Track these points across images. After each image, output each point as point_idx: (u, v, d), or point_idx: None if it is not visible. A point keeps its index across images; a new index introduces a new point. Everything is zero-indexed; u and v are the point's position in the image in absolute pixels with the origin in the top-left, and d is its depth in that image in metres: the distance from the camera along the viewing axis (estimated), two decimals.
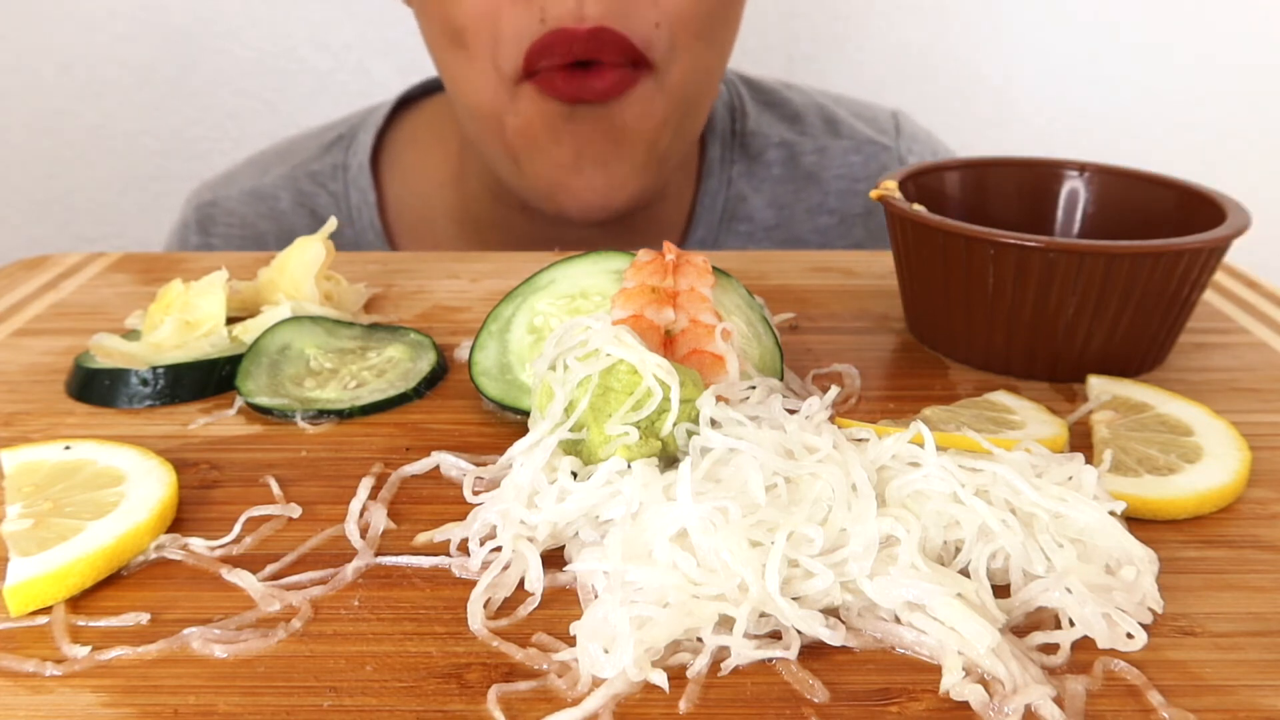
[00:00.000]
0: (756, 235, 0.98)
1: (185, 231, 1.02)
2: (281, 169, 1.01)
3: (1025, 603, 0.40)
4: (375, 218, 0.97)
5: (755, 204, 0.98)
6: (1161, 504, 0.46)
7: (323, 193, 0.99)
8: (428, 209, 0.99)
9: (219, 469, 0.51)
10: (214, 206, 1.01)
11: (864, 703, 0.36)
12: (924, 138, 1.05)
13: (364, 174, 0.97)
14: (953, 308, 0.61)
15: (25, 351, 0.64)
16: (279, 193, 1.00)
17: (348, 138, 1.00)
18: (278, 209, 0.99)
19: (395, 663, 0.38)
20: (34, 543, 0.42)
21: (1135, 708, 0.36)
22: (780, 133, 1.00)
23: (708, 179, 0.97)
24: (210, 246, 1.00)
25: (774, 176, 0.99)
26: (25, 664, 0.38)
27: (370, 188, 0.97)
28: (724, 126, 0.99)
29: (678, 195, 0.97)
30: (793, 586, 0.39)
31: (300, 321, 0.62)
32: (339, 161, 0.99)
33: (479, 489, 0.48)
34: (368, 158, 0.98)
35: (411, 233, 0.99)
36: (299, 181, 1.00)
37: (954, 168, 0.69)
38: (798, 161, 1.00)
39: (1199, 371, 0.61)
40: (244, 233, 0.99)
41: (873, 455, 0.43)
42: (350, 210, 0.98)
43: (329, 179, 0.99)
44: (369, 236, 0.97)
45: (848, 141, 1.01)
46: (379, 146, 1.00)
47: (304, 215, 0.99)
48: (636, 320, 0.51)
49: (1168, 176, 0.66)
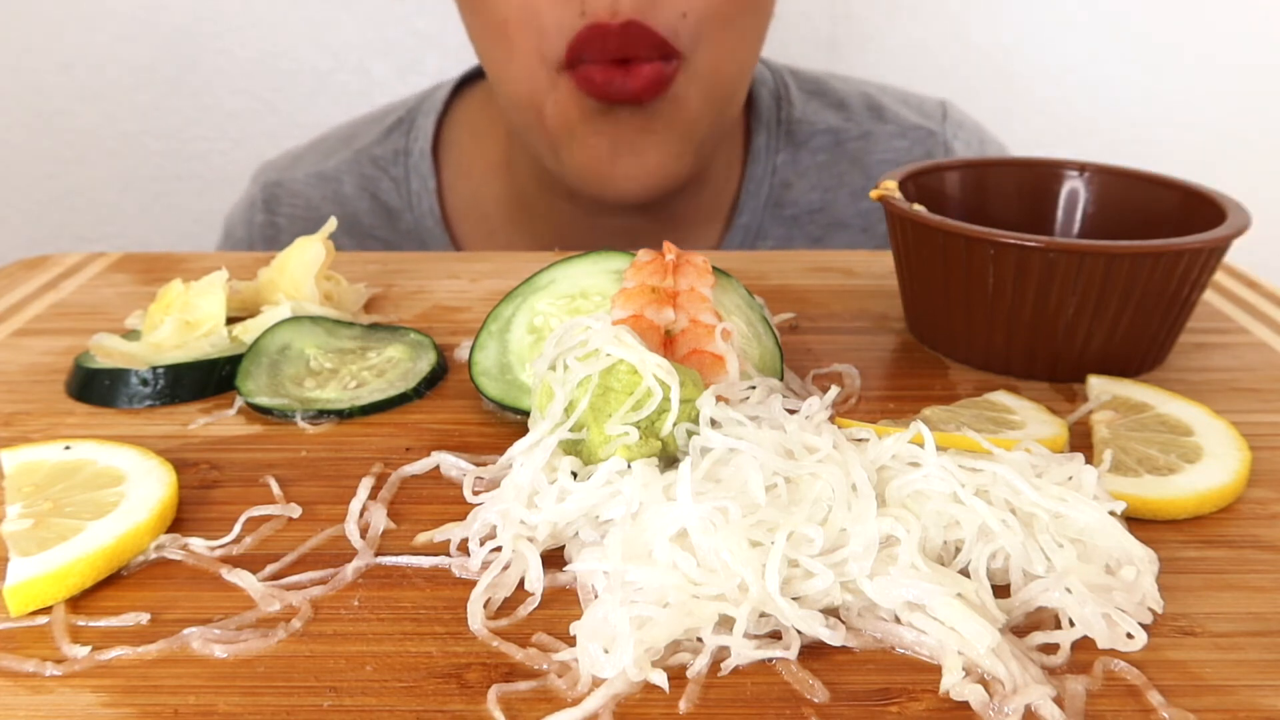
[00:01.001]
0: (801, 219, 0.99)
1: (251, 209, 1.04)
2: (345, 153, 1.03)
3: (1025, 603, 0.40)
4: (435, 203, 0.99)
5: (800, 189, 0.99)
6: (1161, 504, 0.46)
7: (384, 177, 1.00)
8: (480, 196, 1.00)
9: (219, 469, 0.51)
10: (279, 187, 1.03)
11: (864, 703, 0.36)
12: (971, 125, 1.06)
13: (425, 160, 0.99)
14: (953, 308, 0.61)
15: (25, 351, 0.64)
16: (342, 176, 1.01)
17: (406, 122, 1.02)
18: (341, 193, 1.01)
19: (395, 663, 0.38)
20: (34, 543, 0.42)
21: (1135, 708, 0.36)
22: (826, 119, 1.01)
23: (753, 165, 0.98)
24: (275, 225, 1.02)
25: (819, 162, 1.00)
26: (25, 664, 0.38)
27: (431, 174, 0.99)
28: (770, 115, 1.00)
29: (723, 181, 0.99)
30: (793, 586, 0.39)
31: (300, 321, 0.62)
32: (400, 147, 1.01)
33: (479, 489, 0.48)
34: (429, 144, 0.99)
35: (467, 219, 1.00)
36: (362, 165, 1.01)
37: (954, 168, 0.69)
38: (843, 147, 1.01)
39: (1199, 371, 0.61)
40: (308, 214, 1.01)
41: (873, 455, 0.43)
42: (410, 196, 0.99)
43: (390, 164, 1.01)
44: (428, 222, 0.99)
45: (893, 126, 1.02)
46: (437, 132, 1.01)
47: (366, 199, 1.00)
48: (636, 320, 0.51)
49: (1168, 177, 0.66)
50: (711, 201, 0.99)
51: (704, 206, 0.98)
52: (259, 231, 1.02)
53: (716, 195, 0.99)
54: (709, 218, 0.99)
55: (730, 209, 0.99)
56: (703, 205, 0.98)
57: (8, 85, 1.41)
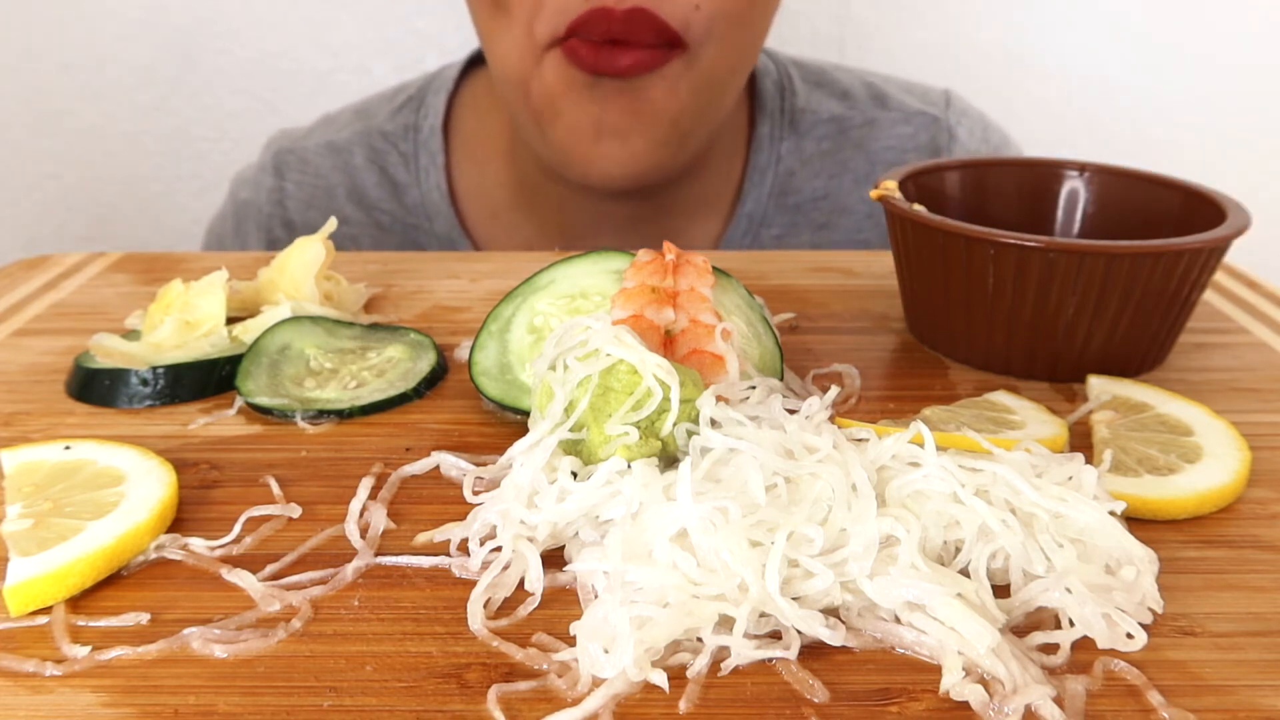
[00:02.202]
0: (805, 207, 0.99)
1: (261, 173, 1.05)
2: (357, 125, 1.04)
3: (1025, 603, 0.40)
4: (442, 179, 0.99)
5: (804, 176, 0.99)
6: (1161, 504, 0.46)
7: (394, 152, 1.01)
8: (485, 179, 1.01)
9: (219, 469, 0.51)
10: (291, 154, 1.04)
11: (864, 703, 0.36)
12: (974, 114, 1.06)
13: (435, 137, 1.00)
14: (953, 308, 0.61)
15: (25, 351, 0.64)
16: (353, 148, 1.02)
17: (417, 99, 1.03)
18: (351, 163, 1.02)
19: (395, 663, 0.38)
20: (34, 543, 0.42)
21: (1135, 708, 0.36)
22: (830, 108, 1.01)
23: (756, 155, 0.98)
24: (283, 190, 1.03)
25: (823, 150, 1.00)
26: (25, 664, 0.38)
27: (440, 150, 0.99)
28: (774, 105, 1.00)
29: (726, 171, 0.99)
30: (793, 586, 0.39)
31: (300, 321, 0.62)
32: (409, 123, 1.01)
33: (479, 489, 0.48)
34: (439, 121, 1.00)
35: (474, 199, 1.01)
36: (372, 139, 1.02)
37: (954, 168, 0.69)
38: (847, 134, 1.00)
39: (1199, 371, 0.61)
40: (317, 182, 1.02)
41: (873, 455, 0.43)
42: (419, 171, 1.00)
43: (400, 139, 1.01)
44: (434, 197, 0.99)
45: (896, 113, 1.01)
46: (448, 110, 1.02)
47: (374, 172, 1.01)
48: (636, 320, 0.51)
49: (1168, 177, 0.66)
50: (715, 190, 0.99)
51: (707, 195, 0.98)
52: (266, 195, 1.03)
53: (720, 184, 0.99)
54: (712, 207, 0.99)
55: (734, 198, 0.99)
56: (706, 194, 0.98)
57: (8, 85, 1.41)
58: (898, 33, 1.44)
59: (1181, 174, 0.66)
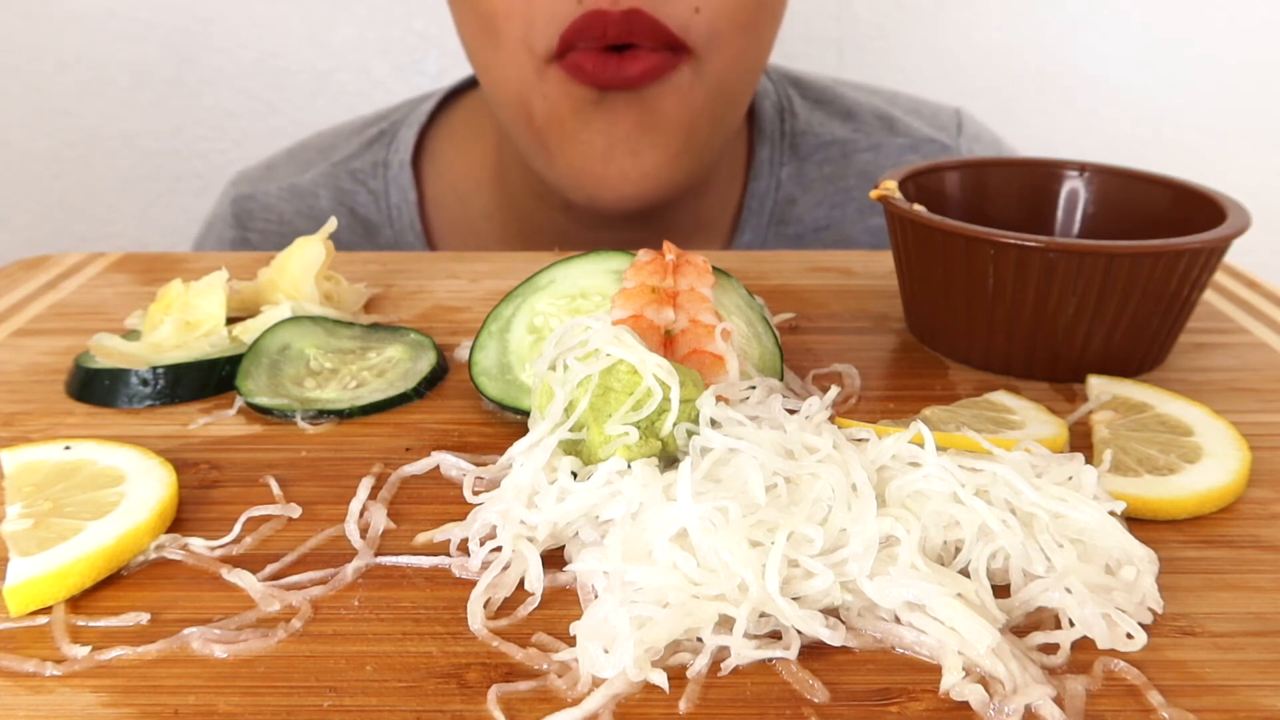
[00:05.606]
0: (806, 238, 0.95)
1: (220, 225, 1.00)
2: (322, 165, 0.99)
3: (1025, 603, 0.40)
4: (415, 218, 0.95)
5: (805, 205, 0.95)
6: (1161, 504, 0.46)
7: (363, 190, 0.96)
8: (467, 209, 0.96)
9: (219, 469, 0.51)
10: (252, 201, 0.98)
11: (864, 703, 0.36)
12: (987, 137, 1.02)
13: (405, 172, 0.95)
14: (953, 308, 0.61)
15: (25, 351, 0.64)
16: (319, 190, 0.97)
17: (389, 134, 0.98)
18: (317, 207, 0.97)
19: (395, 663, 0.38)
20: (34, 543, 0.42)
21: (1135, 708, 0.36)
22: (833, 131, 0.97)
23: (755, 181, 0.94)
24: (247, 241, 0.98)
25: (825, 176, 0.96)
26: (25, 664, 0.38)
27: (411, 186, 0.95)
28: (773, 128, 0.96)
29: (724, 196, 0.95)
30: (793, 586, 0.39)
31: (300, 321, 0.62)
32: (380, 159, 0.97)
33: (479, 489, 0.48)
34: (409, 156, 0.95)
35: (452, 233, 0.97)
36: (339, 179, 0.97)
37: (954, 168, 0.69)
38: (851, 160, 0.96)
39: (1199, 371, 0.61)
40: (281, 229, 0.97)
41: (873, 455, 0.43)
42: (390, 209, 0.95)
43: (369, 176, 0.96)
44: (408, 237, 0.95)
45: (904, 139, 0.97)
46: (420, 143, 0.97)
47: (344, 214, 0.96)
48: (636, 320, 0.51)
49: (1168, 176, 0.66)
50: (711, 217, 0.95)
51: (703, 222, 0.94)
52: (229, 248, 0.98)
53: (717, 211, 0.95)
54: (709, 234, 0.95)
55: (732, 227, 0.95)
56: (702, 220, 0.94)
57: (8, 85, 1.41)
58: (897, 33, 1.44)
59: (1182, 174, 0.66)
